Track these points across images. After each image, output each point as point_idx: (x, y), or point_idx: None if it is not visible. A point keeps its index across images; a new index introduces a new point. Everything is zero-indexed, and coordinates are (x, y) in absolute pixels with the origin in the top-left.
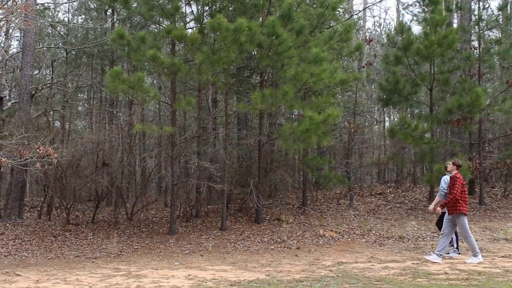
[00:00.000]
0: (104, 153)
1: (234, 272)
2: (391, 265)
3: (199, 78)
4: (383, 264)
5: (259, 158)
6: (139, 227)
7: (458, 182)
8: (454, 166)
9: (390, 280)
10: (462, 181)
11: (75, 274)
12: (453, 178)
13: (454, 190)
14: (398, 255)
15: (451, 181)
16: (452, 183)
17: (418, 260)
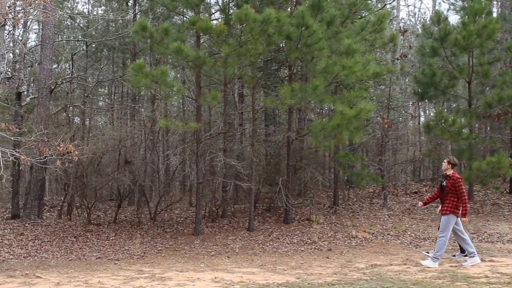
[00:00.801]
0: (126, 150)
1: (262, 275)
2: (428, 268)
3: (225, 72)
4: (419, 267)
5: (288, 155)
6: (163, 227)
7: (461, 184)
8: (449, 165)
9: (427, 284)
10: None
11: (97, 276)
12: (452, 178)
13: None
14: None
15: (450, 181)
16: (452, 183)
17: (456, 262)
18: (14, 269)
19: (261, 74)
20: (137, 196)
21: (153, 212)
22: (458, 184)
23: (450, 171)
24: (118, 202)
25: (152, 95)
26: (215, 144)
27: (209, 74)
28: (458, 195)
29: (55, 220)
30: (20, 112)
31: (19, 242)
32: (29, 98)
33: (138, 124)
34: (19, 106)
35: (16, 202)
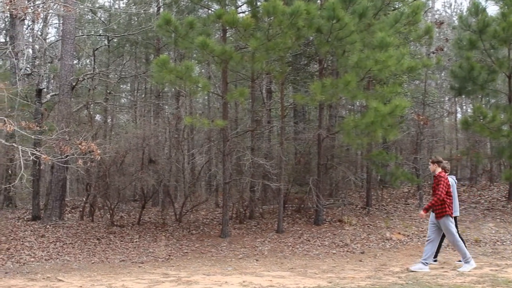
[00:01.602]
0: (150, 149)
1: (292, 279)
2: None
3: (252, 67)
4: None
5: (319, 153)
6: (189, 229)
7: (443, 182)
8: (434, 164)
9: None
10: (447, 181)
11: (121, 279)
12: (437, 177)
13: (438, 191)
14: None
15: (435, 181)
16: (436, 183)
17: (497, 266)
18: (35, 272)
19: (290, 69)
20: (161, 197)
21: (179, 213)
22: (438, 183)
23: (437, 170)
24: (142, 203)
25: (176, 91)
26: (243, 142)
27: (236, 69)
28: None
29: (77, 222)
30: (41, 109)
31: (40, 244)
32: (49, 95)
33: (162, 121)
34: (40, 103)
35: (37, 203)
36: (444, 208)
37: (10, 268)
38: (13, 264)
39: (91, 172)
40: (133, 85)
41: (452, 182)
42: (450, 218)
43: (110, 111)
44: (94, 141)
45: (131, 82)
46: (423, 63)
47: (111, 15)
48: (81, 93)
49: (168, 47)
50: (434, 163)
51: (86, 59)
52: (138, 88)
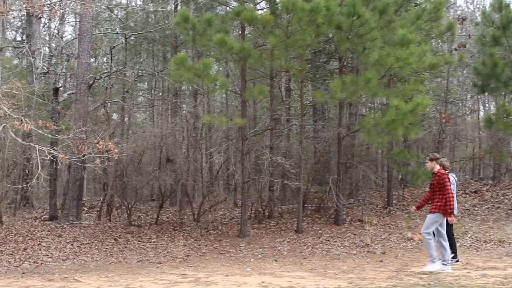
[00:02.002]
0: (167, 148)
1: (312, 279)
2: (490, 272)
3: (271, 65)
4: (480, 272)
5: (339, 152)
6: (207, 229)
7: (448, 179)
8: (431, 161)
9: None
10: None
11: (139, 280)
12: (437, 174)
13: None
14: (497, 261)
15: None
16: (437, 180)
17: None
18: (52, 272)
19: (309, 67)
20: (179, 196)
21: (196, 213)
22: (443, 181)
23: (436, 167)
24: (159, 203)
25: (194, 90)
26: (261, 141)
27: (255, 67)
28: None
29: (94, 222)
30: (57, 108)
31: (57, 244)
32: (66, 94)
33: (180, 120)
34: (56, 102)
35: (54, 203)
36: (439, 204)
37: (27, 268)
38: (30, 264)
39: (108, 172)
40: (150, 83)
41: (452, 180)
42: (442, 215)
43: (127, 109)
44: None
45: (148, 80)
46: (445, 60)
47: (128, 13)
48: (98, 92)
49: (185, 45)
50: (432, 160)
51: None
52: (155, 86)
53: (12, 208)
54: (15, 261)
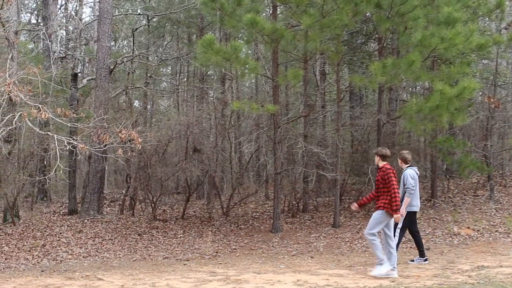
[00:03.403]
0: (194, 137)
1: (351, 278)
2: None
3: (305, 47)
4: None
5: (378, 140)
6: (237, 223)
7: (394, 176)
8: (378, 156)
9: None
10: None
11: (165, 278)
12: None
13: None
14: None
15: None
16: (382, 176)
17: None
18: (73, 270)
19: (346, 49)
20: (207, 189)
21: (226, 207)
22: (387, 176)
23: (381, 162)
24: (186, 196)
25: (221, 74)
26: (295, 129)
27: (287, 49)
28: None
29: (116, 216)
30: (76, 95)
31: (78, 240)
32: (86, 79)
33: (207, 107)
34: (75, 88)
35: (73, 196)
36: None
37: (46, 265)
38: (49, 261)
39: (131, 163)
40: (175, 68)
41: (414, 174)
42: (386, 213)
43: (150, 96)
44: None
45: (172, 65)
46: (493, 40)
47: None
48: (119, 78)
49: (212, 26)
50: (378, 155)
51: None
52: (180, 71)
53: (29, 202)
54: (33, 258)
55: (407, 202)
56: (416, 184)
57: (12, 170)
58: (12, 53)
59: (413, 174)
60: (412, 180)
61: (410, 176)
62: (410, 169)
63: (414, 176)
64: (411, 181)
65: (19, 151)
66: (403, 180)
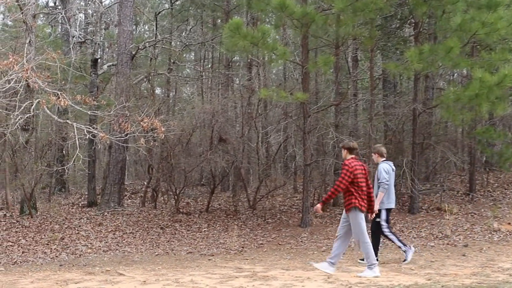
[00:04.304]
0: (220, 126)
1: (385, 275)
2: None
3: (337, 32)
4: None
5: (414, 131)
6: (264, 217)
7: (345, 170)
8: (345, 150)
9: None
10: (352, 169)
11: (189, 274)
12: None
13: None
14: None
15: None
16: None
17: None
18: (93, 264)
19: (379, 34)
20: (232, 181)
21: (252, 200)
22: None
23: (349, 156)
24: (210, 188)
25: (248, 60)
26: (325, 118)
27: (318, 34)
28: None
29: (137, 208)
30: (96, 82)
31: (98, 233)
32: (106, 65)
33: (232, 95)
34: (95, 75)
35: (93, 188)
36: (351, 199)
37: (65, 260)
38: (68, 255)
39: (153, 153)
40: (199, 53)
41: (389, 168)
42: (359, 211)
43: (173, 83)
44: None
45: (196, 50)
46: None
47: None
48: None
49: (239, 9)
50: (345, 149)
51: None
52: (204, 57)
53: (47, 193)
54: (52, 252)
55: (381, 198)
56: (390, 179)
57: (30, 159)
58: (30, 38)
59: (388, 168)
60: (386, 174)
61: (384, 170)
62: (384, 163)
63: (388, 170)
64: (384, 175)
65: (37, 140)
66: (377, 175)
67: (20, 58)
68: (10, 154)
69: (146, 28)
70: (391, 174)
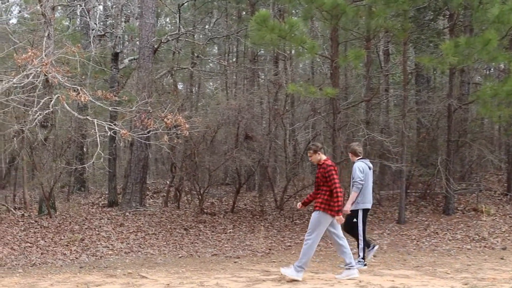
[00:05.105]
0: (246, 123)
1: (419, 279)
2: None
3: (368, 24)
4: None
5: (449, 128)
6: (292, 218)
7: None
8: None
9: None
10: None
11: (214, 277)
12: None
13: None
14: None
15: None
16: (322, 173)
17: None
18: (114, 267)
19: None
20: (258, 180)
21: (279, 200)
22: (329, 173)
23: (322, 157)
24: (236, 187)
25: (274, 54)
26: (356, 114)
27: (348, 27)
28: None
29: (160, 209)
30: (117, 76)
31: (119, 234)
32: (127, 59)
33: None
34: (116, 69)
35: (113, 187)
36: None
37: (85, 261)
38: (88, 257)
39: (176, 151)
40: (223, 47)
41: (365, 167)
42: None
43: (197, 78)
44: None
45: (219, 44)
46: None
47: None
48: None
49: (265, 1)
50: (316, 152)
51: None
52: (229, 51)
53: (65, 192)
54: (71, 253)
55: (353, 198)
56: (366, 178)
57: (48, 157)
58: (49, 31)
59: (363, 167)
60: (360, 174)
61: (358, 169)
62: (359, 162)
63: (363, 169)
64: (358, 174)
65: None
66: (352, 174)
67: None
68: (28, 152)
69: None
70: (368, 173)
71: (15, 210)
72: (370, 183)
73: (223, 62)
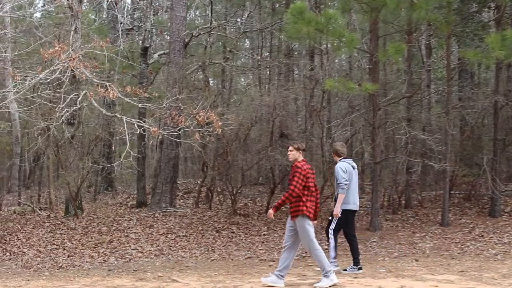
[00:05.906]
0: (281, 120)
1: (464, 285)
2: None
3: (410, 17)
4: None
5: (495, 126)
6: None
7: (299, 174)
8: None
9: None
10: (304, 172)
11: (248, 281)
12: (293, 167)
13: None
14: None
15: (292, 172)
16: (292, 174)
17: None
18: (144, 270)
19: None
20: None
21: None
22: (294, 174)
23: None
24: (270, 187)
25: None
26: (397, 111)
27: (388, 20)
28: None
29: (191, 209)
30: (146, 72)
31: (149, 236)
32: (157, 54)
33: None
34: (145, 64)
35: (142, 187)
36: (299, 205)
37: (114, 264)
38: (117, 260)
39: (208, 149)
40: (256, 41)
41: (349, 168)
42: (307, 218)
43: (229, 73)
44: (213, 111)
45: (252, 38)
46: None
47: None
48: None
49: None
50: (298, 150)
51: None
52: (262, 45)
53: (92, 192)
54: (99, 255)
55: (341, 199)
56: (351, 178)
57: (75, 156)
58: (76, 24)
59: (345, 166)
60: (344, 174)
61: (340, 169)
62: (342, 162)
63: (346, 168)
64: (342, 175)
65: (83, 135)
66: (335, 175)
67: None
68: (54, 150)
69: (197, 14)
70: (352, 173)
71: (41, 211)
72: (354, 183)
73: (256, 57)
